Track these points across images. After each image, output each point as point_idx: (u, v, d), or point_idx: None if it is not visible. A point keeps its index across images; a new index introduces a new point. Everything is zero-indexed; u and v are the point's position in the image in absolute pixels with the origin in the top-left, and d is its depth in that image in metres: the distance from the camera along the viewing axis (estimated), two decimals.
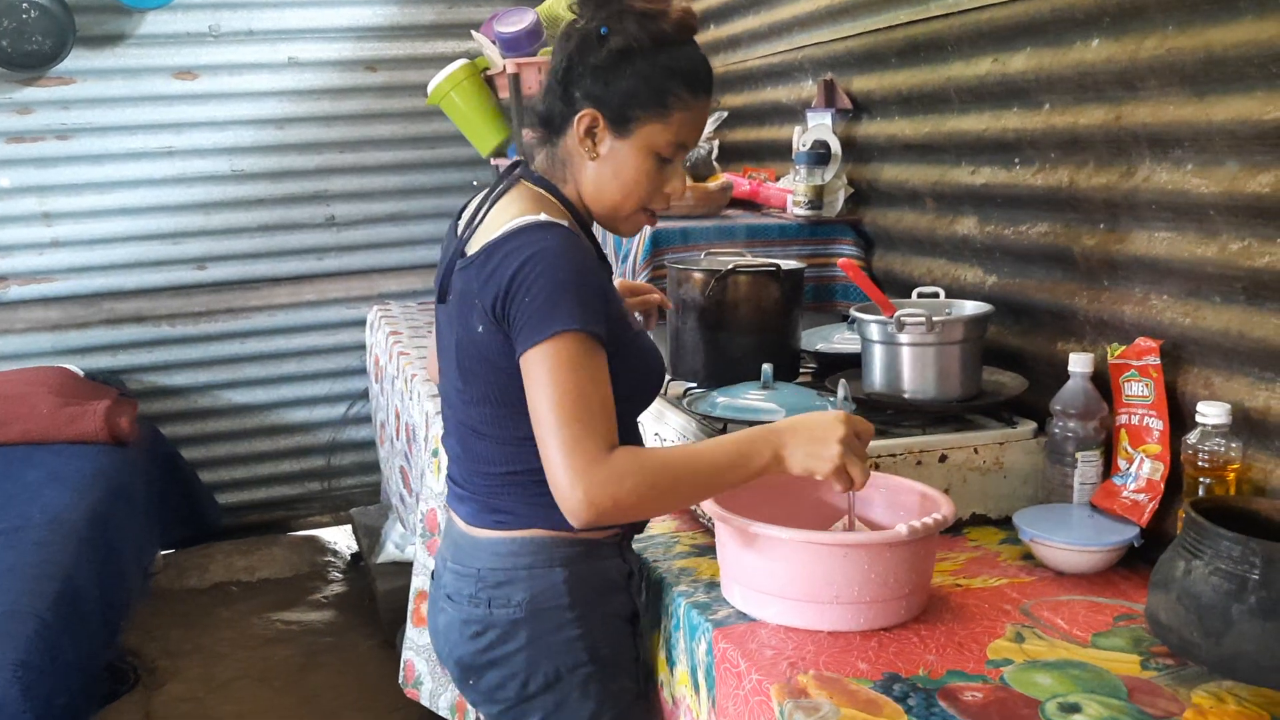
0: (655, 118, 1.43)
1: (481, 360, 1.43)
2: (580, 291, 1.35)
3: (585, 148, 1.46)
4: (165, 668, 3.36)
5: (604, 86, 1.43)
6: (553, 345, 1.33)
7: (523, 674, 1.49)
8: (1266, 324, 1.44)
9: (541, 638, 1.47)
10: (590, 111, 1.44)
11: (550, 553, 1.47)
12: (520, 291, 1.35)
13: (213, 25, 3.96)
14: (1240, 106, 1.44)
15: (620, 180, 1.46)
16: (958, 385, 1.80)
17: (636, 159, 1.45)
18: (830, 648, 1.36)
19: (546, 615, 1.47)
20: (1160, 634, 1.30)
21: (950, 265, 2.13)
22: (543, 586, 1.47)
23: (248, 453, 4.31)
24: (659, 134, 1.44)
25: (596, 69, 1.43)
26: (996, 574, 1.58)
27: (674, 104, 1.43)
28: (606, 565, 1.52)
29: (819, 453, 1.36)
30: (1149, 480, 1.58)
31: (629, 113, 1.43)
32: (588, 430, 1.31)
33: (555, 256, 1.36)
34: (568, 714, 1.50)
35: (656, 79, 1.42)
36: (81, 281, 4.01)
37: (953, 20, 2.03)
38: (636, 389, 1.51)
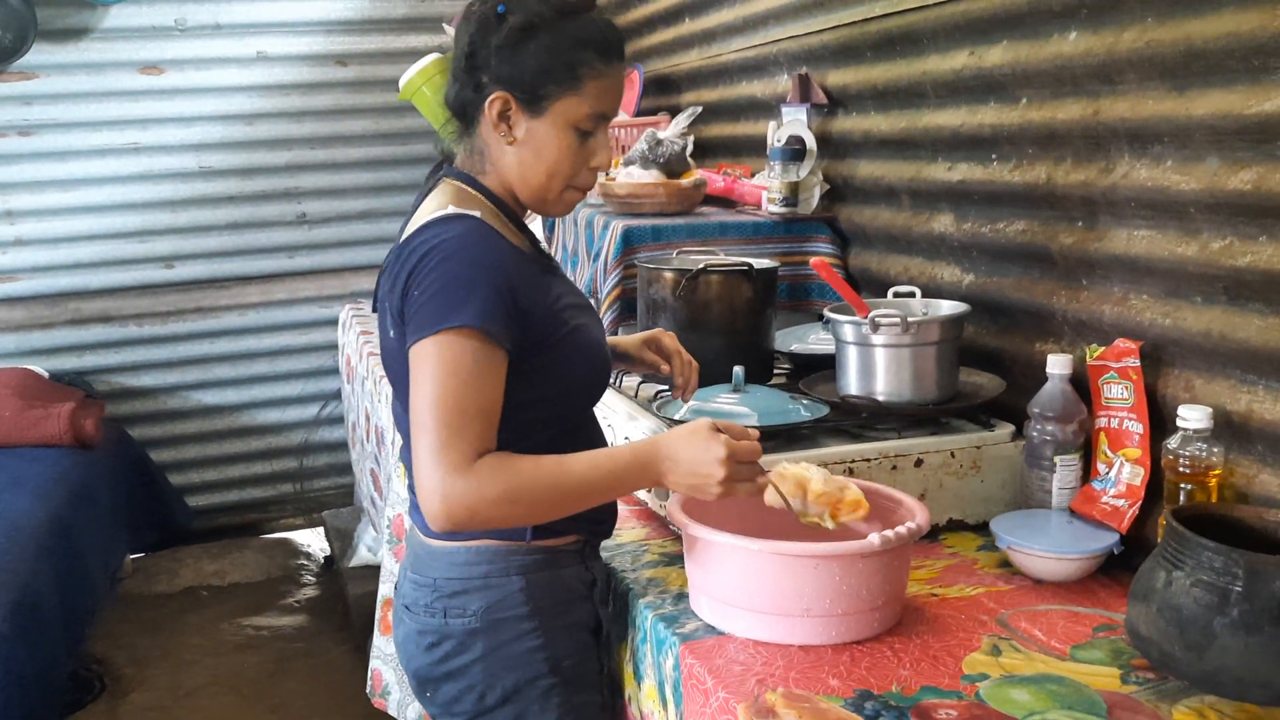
0: (568, 91, 1.37)
1: (400, 367, 1.36)
2: (475, 286, 1.30)
3: (501, 133, 1.40)
4: (132, 676, 3.29)
5: (510, 67, 1.36)
6: (436, 342, 1.28)
7: (480, 686, 1.44)
8: (1249, 325, 1.40)
9: (499, 649, 1.42)
10: (500, 94, 1.37)
11: (506, 561, 1.42)
12: (414, 287, 1.31)
13: (179, 19, 3.89)
14: (1221, 101, 1.40)
15: (542, 161, 1.40)
16: (934, 387, 1.75)
17: (556, 137, 1.39)
18: (801, 663, 1.31)
19: (504, 625, 1.42)
20: (1141, 647, 1.26)
21: (927, 264, 2.09)
22: (500, 596, 1.42)
23: (218, 454, 4.24)
24: (575, 108, 1.38)
25: (500, 50, 1.36)
26: (973, 583, 1.54)
27: (586, 74, 1.37)
28: (566, 574, 1.46)
29: (703, 486, 1.32)
30: (1129, 485, 1.54)
31: (540, 90, 1.36)
32: (456, 436, 1.26)
33: (453, 249, 1.31)
34: None
35: (564, 51, 1.36)
36: (46, 281, 3.93)
37: (928, 13, 1.98)
38: (575, 385, 1.45)
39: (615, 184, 2.47)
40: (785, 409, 1.71)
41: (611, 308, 2.28)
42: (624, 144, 3.11)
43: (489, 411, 1.30)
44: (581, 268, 2.56)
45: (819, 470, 1.39)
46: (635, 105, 3.31)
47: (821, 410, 1.73)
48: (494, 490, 1.27)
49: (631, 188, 2.43)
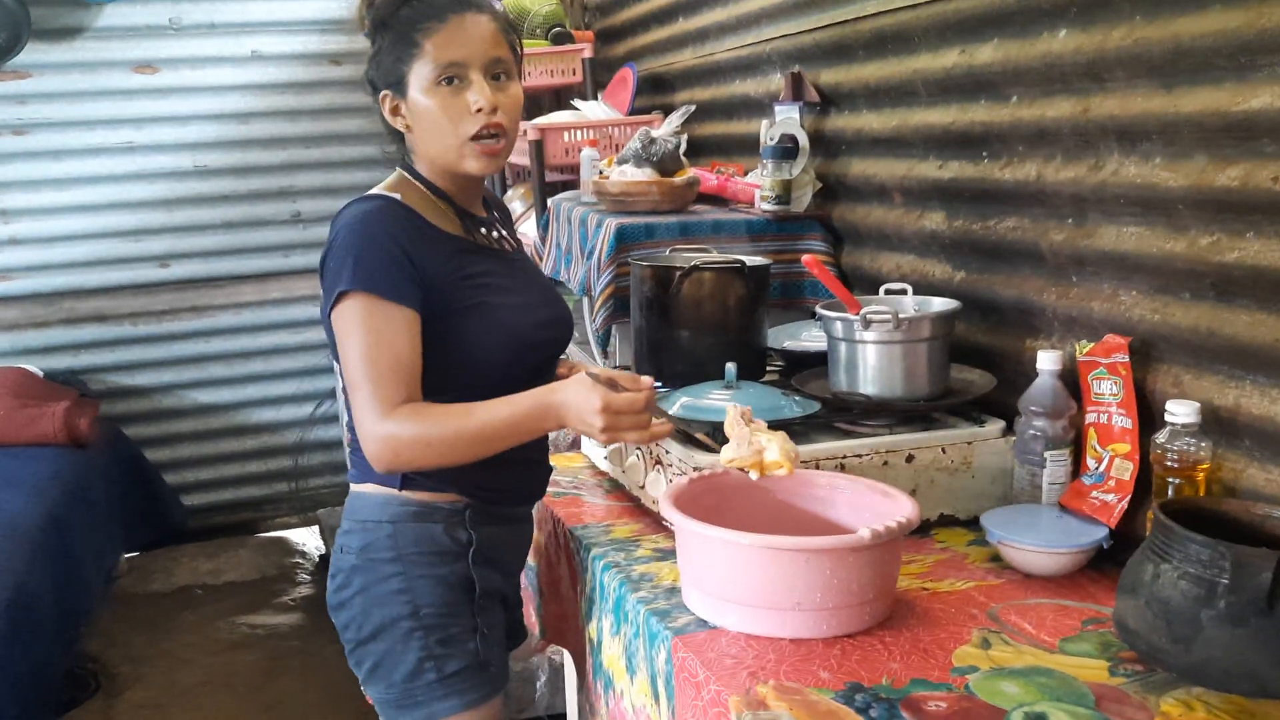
0: (413, 60, 1.51)
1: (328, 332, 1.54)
2: (371, 254, 1.45)
3: (399, 125, 1.56)
4: (127, 674, 3.29)
5: (379, 69, 1.56)
6: (341, 307, 1.45)
7: (359, 619, 1.58)
8: (1236, 321, 1.41)
9: (371, 586, 1.57)
10: (383, 94, 1.56)
11: (382, 509, 1.57)
12: (327, 260, 1.48)
13: (173, 18, 3.89)
14: (1208, 98, 1.41)
15: (426, 128, 1.53)
16: (925, 384, 1.76)
17: (423, 102, 1.52)
18: (792, 656, 1.32)
19: (374, 566, 1.57)
20: (1128, 640, 1.27)
21: (918, 260, 2.10)
22: (374, 539, 1.57)
23: (213, 453, 4.25)
24: (424, 70, 1.51)
25: (371, 61, 1.57)
26: (964, 577, 1.55)
27: (422, 38, 1.50)
28: (435, 529, 1.57)
29: (589, 433, 1.44)
30: (1118, 480, 1.55)
31: (398, 73, 1.53)
32: (375, 387, 1.43)
33: (356, 224, 1.48)
34: (390, 664, 1.57)
35: (402, 31, 1.52)
36: (40, 280, 3.93)
37: (920, 11, 1.99)
38: (478, 356, 1.54)
39: (609, 182, 2.48)
40: (778, 405, 1.72)
41: (605, 305, 2.29)
42: (618, 142, 3.12)
43: (402, 362, 1.45)
44: (575, 265, 2.57)
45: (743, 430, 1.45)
46: (629, 104, 3.32)
47: (813, 406, 1.74)
48: (409, 434, 1.43)
49: (625, 186, 2.44)
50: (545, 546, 1.92)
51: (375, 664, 1.58)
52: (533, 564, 1.99)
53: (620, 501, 1.90)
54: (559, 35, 3.59)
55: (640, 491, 1.81)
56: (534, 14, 3.67)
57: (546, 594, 1.94)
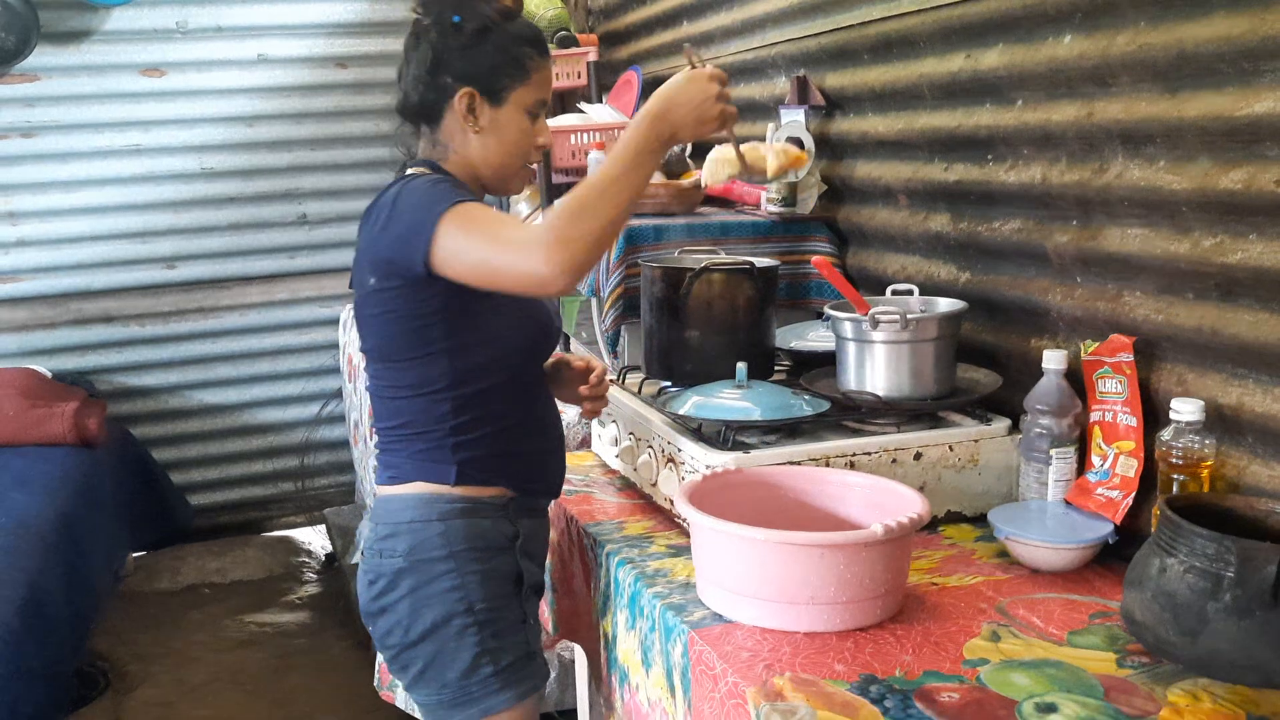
0: (520, 82, 1.60)
1: (371, 315, 1.59)
2: (451, 191, 1.50)
3: (469, 124, 1.60)
4: (136, 672, 3.31)
5: (472, 65, 1.58)
6: (445, 219, 1.44)
7: (406, 621, 1.59)
8: (1239, 320, 1.44)
9: (421, 587, 1.58)
10: (467, 90, 1.58)
11: (430, 508, 1.59)
12: (399, 222, 1.49)
13: (180, 21, 3.91)
14: (1212, 103, 1.44)
15: (505, 144, 1.62)
16: (932, 383, 1.79)
17: (515, 121, 1.61)
18: (806, 649, 1.35)
19: (425, 566, 1.58)
20: (1136, 632, 1.30)
21: (924, 262, 2.13)
22: (422, 539, 1.58)
23: (220, 453, 4.27)
24: (526, 95, 1.61)
25: (463, 52, 1.58)
26: (972, 572, 1.58)
27: (531, 66, 1.60)
28: (485, 524, 1.61)
29: (706, 115, 1.44)
30: (1123, 477, 1.58)
31: (499, 83, 1.59)
32: (504, 231, 1.43)
33: (416, 184, 1.53)
34: (445, 661, 1.58)
35: (512, 49, 1.59)
36: (48, 281, 3.95)
37: (925, 16, 2.02)
38: (513, 337, 1.62)
39: None
40: (788, 404, 1.75)
41: (614, 306, 2.32)
42: None
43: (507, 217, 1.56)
44: None
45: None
46: (634, 107, 3.35)
47: (823, 405, 1.77)
48: (556, 220, 1.39)
49: None
50: (558, 543, 1.95)
51: (425, 665, 1.59)
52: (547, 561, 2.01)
53: (632, 499, 1.93)
54: (564, 39, 3.62)
55: (652, 489, 1.84)
56: (539, 18, 3.70)
57: (560, 590, 1.97)
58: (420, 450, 1.60)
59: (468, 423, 1.59)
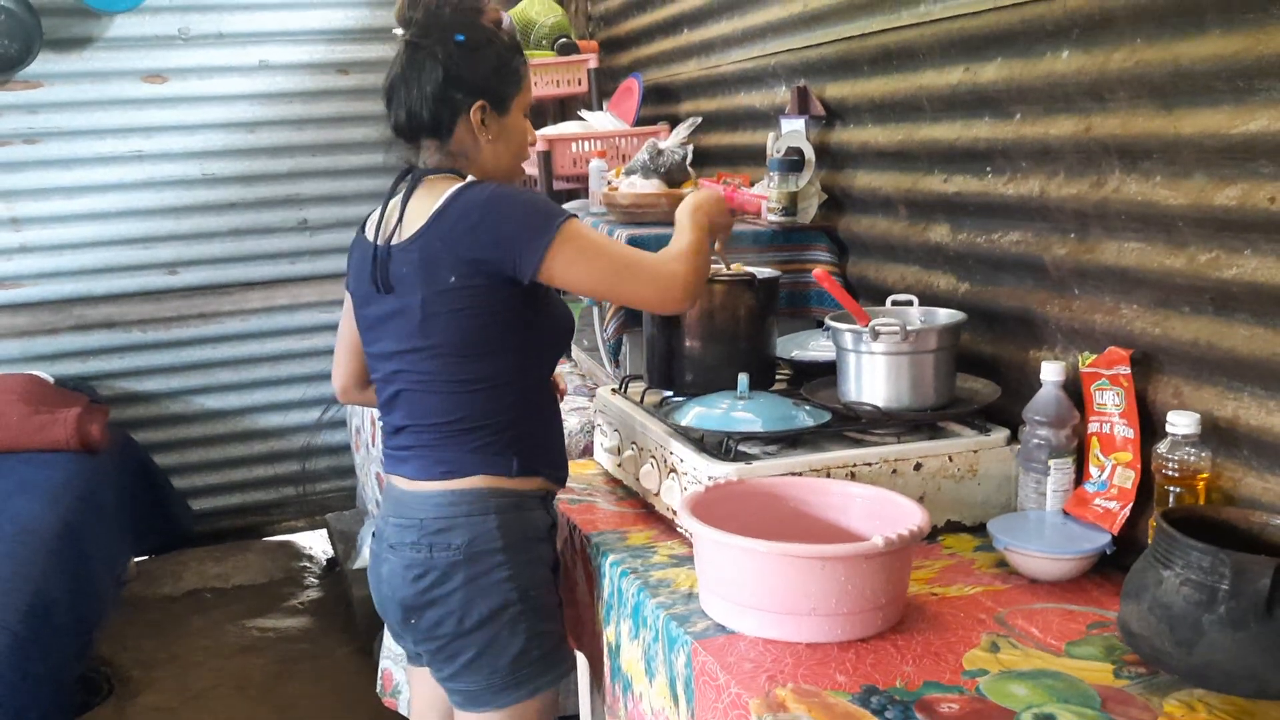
0: (518, 89, 1.74)
1: (448, 310, 1.63)
2: (549, 201, 1.69)
3: (482, 134, 1.70)
4: (139, 678, 3.33)
5: (481, 80, 1.69)
6: (565, 235, 1.60)
7: (459, 611, 1.66)
8: (1234, 334, 1.46)
9: (476, 579, 1.65)
10: (480, 103, 1.69)
11: (486, 502, 1.66)
12: (499, 227, 1.60)
13: (182, 28, 3.93)
14: (1207, 120, 1.46)
15: (512, 148, 1.76)
16: (932, 393, 1.81)
17: (517, 124, 1.76)
18: (808, 660, 1.37)
19: (481, 558, 1.65)
20: (1132, 643, 1.32)
21: (923, 272, 2.15)
22: (479, 532, 1.66)
23: (221, 458, 4.29)
24: (523, 100, 1.76)
25: (471, 68, 1.68)
26: (971, 582, 1.59)
27: (523, 73, 1.75)
28: (533, 515, 1.72)
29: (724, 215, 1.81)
30: (1120, 488, 1.60)
31: (504, 93, 1.72)
32: (639, 261, 1.65)
33: (510, 191, 1.65)
34: (499, 648, 1.67)
35: (507, 59, 1.72)
36: (51, 287, 3.97)
37: (924, 29, 2.04)
38: (554, 331, 1.77)
39: (619, 194, 2.53)
40: (789, 415, 1.76)
41: (616, 315, 2.34)
42: (625, 153, 3.17)
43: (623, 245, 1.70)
44: None
45: None
46: (635, 114, 3.37)
47: (824, 416, 1.79)
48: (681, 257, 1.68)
49: (635, 198, 2.49)
50: (561, 552, 1.96)
51: (478, 653, 1.67)
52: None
53: (634, 508, 1.95)
54: (564, 46, 3.64)
55: (654, 499, 1.86)
56: (539, 25, 3.72)
57: (563, 598, 1.98)
58: (483, 444, 1.67)
59: (524, 416, 1.71)
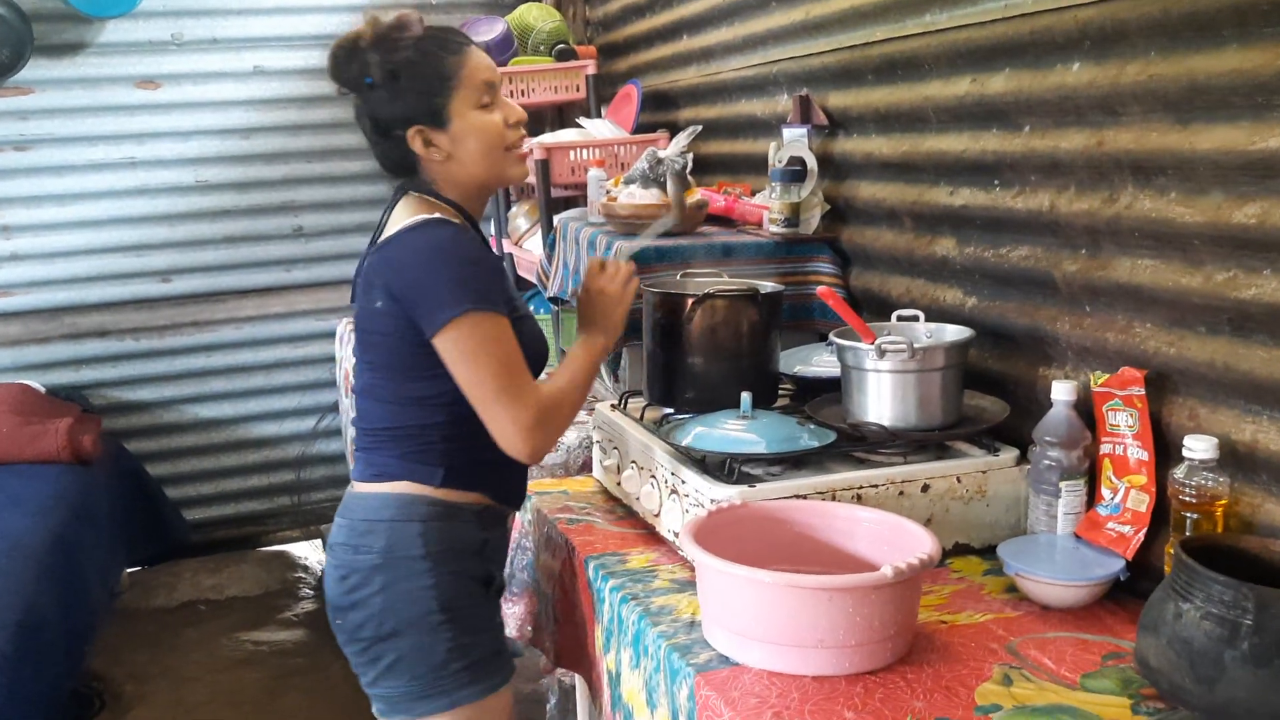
0: (450, 91, 1.64)
1: (377, 330, 1.65)
2: (477, 277, 1.59)
3: (435, 155, 1.66)
4: (132, 692, 3.29)
5: (404, 108, 1.64)
6: (459, 326, 1.55)
7: (379, 616, 1.64)
8: (1253, 356, 1.42)
9: (396, 584, 1.64)
10: (413, 130, 1.64)
11: (412, 508, 1.65)
12: (422, 278, 1.57)
13: (175, 34, 3.89)
14: (1225, 136, 1.42)
15: (474, 150, 1.67)
16: (939, 412, 1.77)
17: (470, 124, 1.65)
18: (815, 694, 1.32)
19: (401, 564, 1.64)
20: (1150, 678, 1.28)
21: (929, 286, 2.11)
22: (401, 537, 1.64)
23: (215, 468, 4.24)
24: (467, 96, 1.65)
25: (390, 102, 1.64)
26: (981, 609, 1.55)
27: (452, 70, 1.64)
28: (460, 528, 1.68)
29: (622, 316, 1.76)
30: (1134, 512, 1.56)
31: (434, 105, 1.63)
32: (512, 393, 1.58)
33: (450, 247, 1.59)
34: (418, 657, 1.65)
35: (427, 69, 1.63)
36: (42, 295, 3.92)
37: (930, 39, 2.00)
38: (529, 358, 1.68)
39: (618, 204, 2.49)
40: (793, 435, 1.72)
41: None
42: (623, 160, 3.13)
43: (520, 363, 1.62)
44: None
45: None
46: (634, 120, 3.33)
47: (828, 436, 1.75)
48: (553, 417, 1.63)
49: (634, 209, 2.45)
50: (560, 574, 1.92)
51: (396, 659, 1.65)
52: (547, 591, 1.99)
53: (634, 529, 1.91)
54: (562, 52, 3.60)
55: (655, 520, 1.82)
56: (537, 30, 3.68)
57: (561, 620, 1.95)
58: (410, 451, 1.67)
59: (459, 432, 1.65)
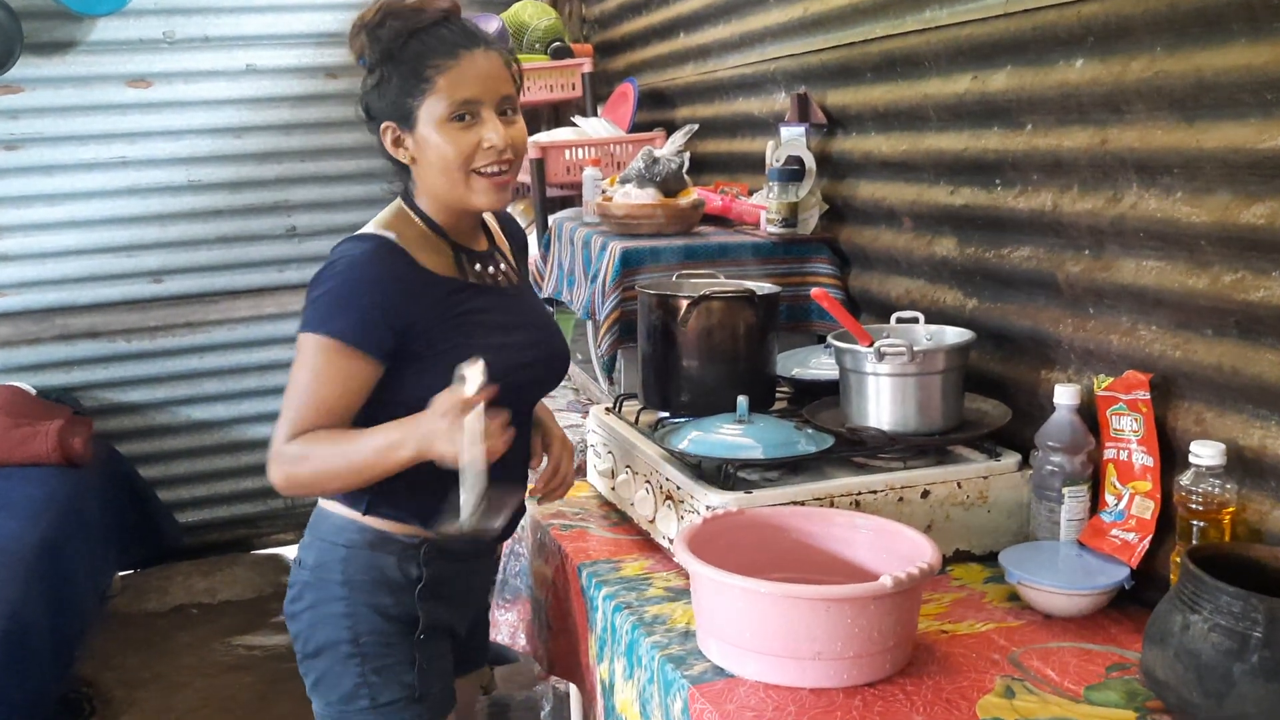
0: (424, 95, 1.52)
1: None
2: (348, 302, 1.49)
3: (403, 157, 1.58)
4: (122, 698, 3.25)
5: (382, 100, 1.56)
6: (302, 340, 1.50)
7: (305, 632, 1.63)
8: (1261, 360, 1.39)
9: (318, 605, 1.61)
10: (385, 125, 1.56)
11: (339, 531, 1.60)
12: (312, 289, 1.52)
13: (167, 32, 3.85)
14: (1233, 134, 1.38)
15: (434, 161, 1.55)
16: (939, 416, 1.74)
17: (434, 137, 1.53)
18: (813, 707, 1.29)
19: (323, 586, 1.61)
20: (1157, 690, 1.25)
21: (929, 287, 2.07)
22: (327, 558, 1.61)
23: (208, 470, 4.20)
24: (436, 106, 1.52)
25: (371, 91, 1.58)
26: (983, 618, 1.52)
27: (434, 75, 1.52)
28: (387, 560, 1.60)
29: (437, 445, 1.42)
30: (1139, 519, 1.53)
31: (405, 107, 1.54)
32: (287, 418, 1.48)
33: (344, 267, 1.51)
34: (329, 683, 1.62)
35: (411, 66, 1.53)
36: (32, 296, 3.88)
37: (930, 36, 1.97)
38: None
39: (613, 204, 2.45)
40: (790, 440, 1.69)
41: (610, 331, 2.26)
42: (619, 160, 3.09)
43: (330, 407, 1.49)
44: (578, 287, 2.54)
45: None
46: (630, 119, 3.29)
47: (826, 441, 1.71)
48: (296, 465, 1.47)
49: (629, 209, 2.41)
50: (553, 581, 1.89)
51: (317, 679, 1.64)
52: (540, 598, 1.96)
53: (629, 535, 1.87)
54: (558, 50, 3.57)
55: (650, 525, 1.78)
56: (533, 28, 3.64)
57: (554, 628, 1.91)
58: None
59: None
